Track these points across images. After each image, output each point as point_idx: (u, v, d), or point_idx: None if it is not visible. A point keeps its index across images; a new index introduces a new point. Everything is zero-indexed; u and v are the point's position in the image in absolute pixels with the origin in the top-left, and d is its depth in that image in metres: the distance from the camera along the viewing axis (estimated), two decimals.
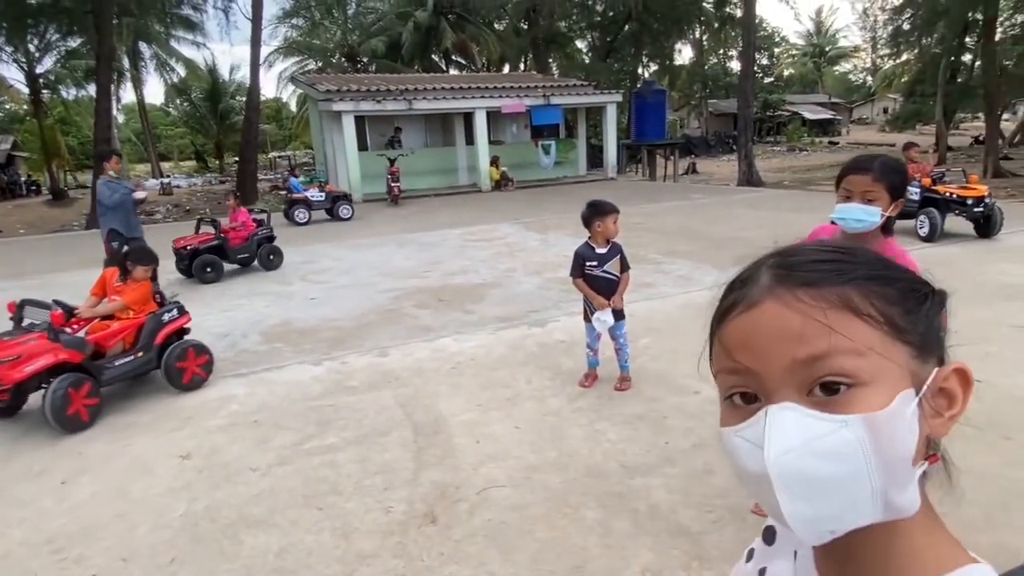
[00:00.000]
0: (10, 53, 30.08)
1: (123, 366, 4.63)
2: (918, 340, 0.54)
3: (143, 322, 4.78)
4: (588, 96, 20.35)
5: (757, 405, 0.55)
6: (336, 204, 14.40)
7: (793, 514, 0.52)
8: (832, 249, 0.58)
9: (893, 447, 0.51)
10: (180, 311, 5.00)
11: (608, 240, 4.17)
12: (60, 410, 4.08)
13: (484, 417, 4.10)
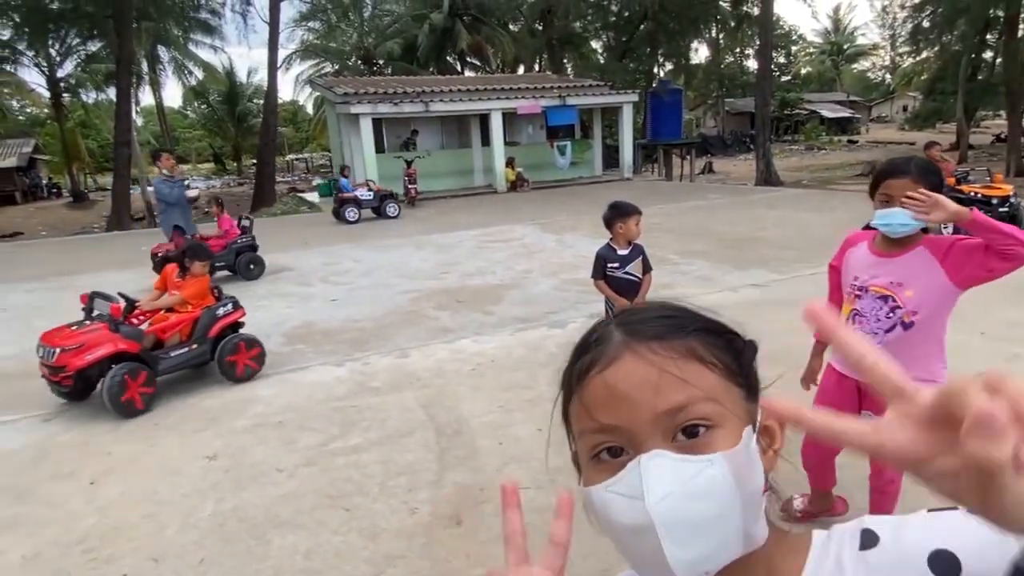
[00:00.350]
0: (32, 57, 30.61)
1: (178, 357, 4.86)
2: (746, 383, 0.60)
3: (199, 315, 4.97)
4: (604, 96, 20.30)
5: (626, 458, 0.57)
6: (383, 203, 14.75)
7: (678, 560, 0.53)
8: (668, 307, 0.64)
9: (751, 480, 0.55)
10: (235, 306, 5.18)
11: (630, 242, 4.15)
12: (116, 396, 4.37)
13: (506, 418, 4.11)
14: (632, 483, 0.55)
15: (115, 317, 4.60)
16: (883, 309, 2.28)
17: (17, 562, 2.93)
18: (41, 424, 4.49)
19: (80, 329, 4.60)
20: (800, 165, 27.81)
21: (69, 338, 4.49)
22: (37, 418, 4.59)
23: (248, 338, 5.12)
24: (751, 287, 6.89)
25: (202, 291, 5.16)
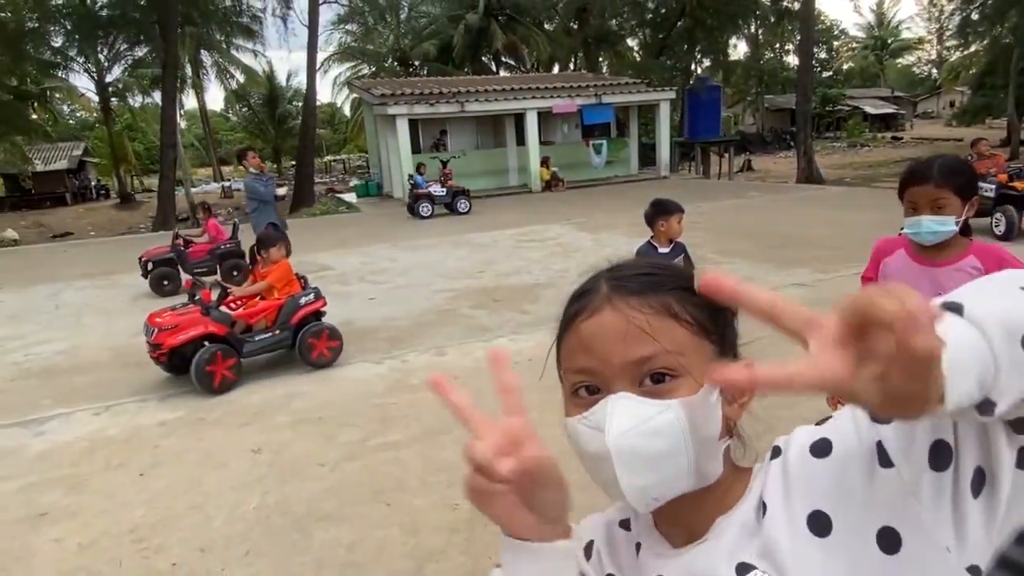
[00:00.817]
0: (82, 63, 31.68)
1: (262, 341, 5.15)
2: (719, 340, 0.67)
3: (284, 303, 5.21)
4: (641, 94, 20.13)
5: (599, 396, 0.65)
6: (455, 199, 15.07)
7: (628, 486, 0.62)
8: (653, 265, 0.72)
9: (706, 426, 0.62)
10: (317, 296, 5.39)
11: (671, 240, 4.10)
12: (203, 374, 4.75)
13: (543, 418, 4.07)
14: (599, 418, 0.63)
15: (206, 302, 4.97)
16: None
17: (74, 550, 3.03)
18: (92, 418, 4.63)
19: (178, 312, 5.04)
20: (843, 162, 27.16)
21: (167, 319, 4.93)
22: (88, 412, 4.74)
23: (330, 328, 5.36)
24: (794, 287, 6.75)
25: (285, 275, 5.39)
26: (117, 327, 7.12)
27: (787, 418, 1.50)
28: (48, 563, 2.94)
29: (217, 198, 32.43)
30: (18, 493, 3.59)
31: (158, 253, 8.83)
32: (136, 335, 6.70)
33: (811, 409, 2.48)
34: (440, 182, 15.41)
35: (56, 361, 6.04)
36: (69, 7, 23.05)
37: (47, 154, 35.54)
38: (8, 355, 6.31)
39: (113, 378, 5.46)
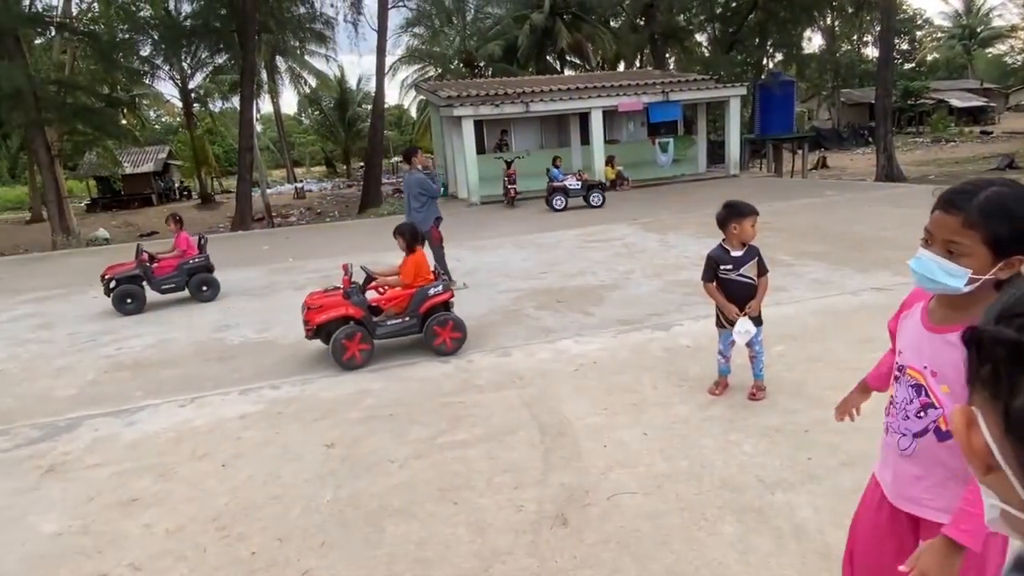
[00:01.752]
0: (167, 71, 33.46)
1: (393, 326, 5.60)
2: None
3: (414, 292, 5.56)
4: (710, 90, 19.69)
5: None
6: (590, 192, 15.28)
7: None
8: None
9: None
10: (445, 288, 5.72)
11: (744, 243, 4.01)
12: (339, 351, 5.30)
13: (610, 421, 4.07)
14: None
15: (346, 287, 5.50)
16: (914, 403, 1.64)
17: (162, 535, 3.21)
18: (178, 409, 4.90)
19: (325, 293, 5.70)
20: (926, 159, 25.78)
21: (315, 300, 5.57)
22: (175, 404, 5.02)
23: (456, 319, 5.65)
24: (874, 291, 6.46)
25: (415, 266, 5.71)
26: (200, 323, 7.49)
27: None
28: (139, 546, 3.13)
29: (291, 199, 33.67)
30: (112, 479, 3.84)
31: (123, 270, 8.36)
32: (217, 331, 7.06)
33: None
34: (576, 175, 15.74)
35: (146, 355, 6.41)
36: (156, 19, 24.35)
37: (135, 157, 37.72)
38: (102, 348, 6.74)
39: (197, 372, 5.76)
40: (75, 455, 4.23)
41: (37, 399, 5.39)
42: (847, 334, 5.23)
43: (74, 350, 6.76)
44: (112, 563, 3.01)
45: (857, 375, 2.24)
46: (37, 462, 4.16)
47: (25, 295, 10.10)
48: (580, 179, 15.59)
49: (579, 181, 15.46)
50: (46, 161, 18.58)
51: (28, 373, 6.10)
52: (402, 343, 5.93)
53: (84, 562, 3.04)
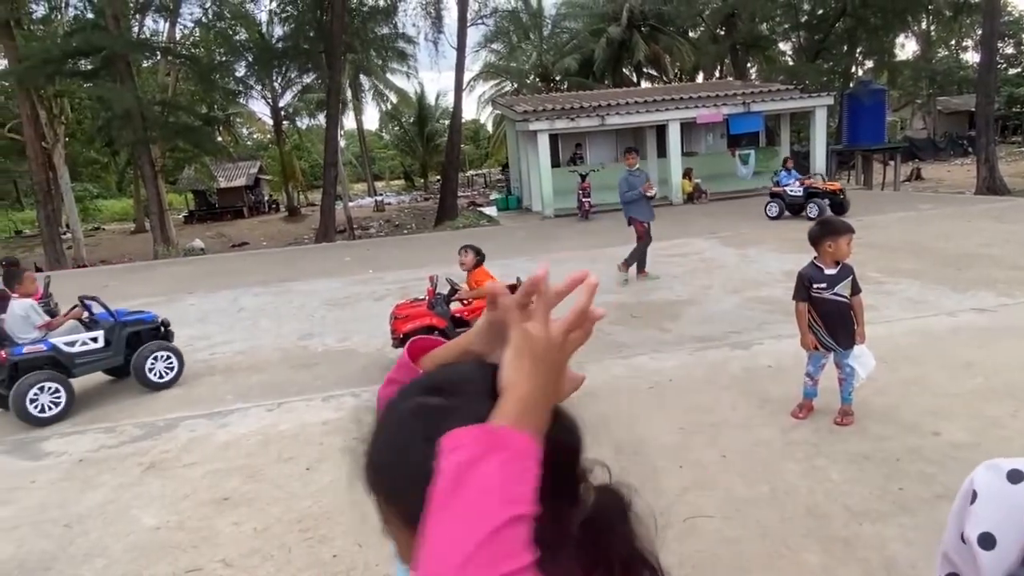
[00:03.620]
0: (259, 90, 35.34)
1: None
2: None
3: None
4: (794, 100, 19.03)
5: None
6: (808, 201, 12.89)
7: None
8: None
9: None
10: None
11: (838, 261, 3.86)
12: None
13: (687, 441, 3.99)
14: None
15: (430, 299, 5.72)
16: None
17: (250, 533, 3.38)
18: (265, 413, 5.14)
19: (412, 304, 5.95)
20: None
21: (402, 310, 5.82)
22: (262, 408, 5.27)
23: None
24: (973, 312, 6.06)
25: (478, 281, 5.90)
26: (286, 330, 7.84)
27: None
28: (230, 543, 3.30)
29: (371, 211, 34.79)
30: (204, 478, 4.07)
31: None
32: (302, 339, 7.37)
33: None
34: (800, 181, 13.31)
35: (236, 360, 6.77)
36: (251, 42, 25.81)
37: (229, 172, 39.98)
38: (197, 353, 7.16)
39: (283, 378, 6.03)
40: (173, 454, 4.51)
41: (139, 399, 5.78)
42: (944, 358, 4.93)
43: None
44: (206, 558, 3.19)
45: (956, 402, 2.12)
46: (139, 459, 4.46)
47: (131, 301, 10.83)
48: (803, 184, 13.19)
49: (801, 187, 13.12)
50: (150, 176, 19.99)
51: None
52: None
53: (180, 556, 3.23)
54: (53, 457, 4.63)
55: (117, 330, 5.95)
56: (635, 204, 8.75)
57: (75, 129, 29.75)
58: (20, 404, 5.15)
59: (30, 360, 5.35)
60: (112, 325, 5.95)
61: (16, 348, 5.34)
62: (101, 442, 4.84)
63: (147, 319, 6.34)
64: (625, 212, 9.01)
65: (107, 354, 5.86)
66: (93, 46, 18.15)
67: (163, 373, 6.02)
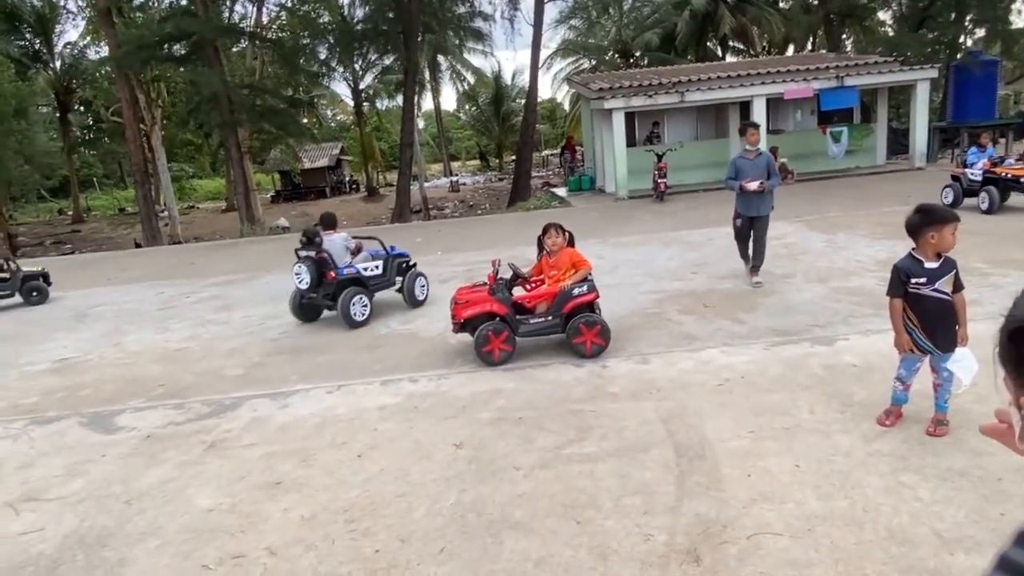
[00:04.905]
0: (341, 73, 36.09)
1: (535, 325, 5.55)
2: None
3: (558, 292, 5.53)
4: (893, 74, 17.61)
5: None
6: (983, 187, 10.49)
7: None
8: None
9: None
10: (590, 288, 5.60)
11: (939, 254, 3.44)
12: (480, 347, 5.36)
13: (757, 447, 3.68)
14: None
15: (491, 283, 5.52)
16: None
17: (297, 521, 3.36)
18: (325, 395, 5.17)
19: (473, 289, 5.75)
20: None
21: (463, 295, 5.67)
22: (323, 389, 5.30)
23: (587, 319, 5.43)
24: None
25: (567, 262, 5.66)
26: None
27: None
28: (276, 530, 3.29)
29: (446, 192, 35.10)
30: (261, 460, 4.10)
31: None
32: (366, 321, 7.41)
33: None
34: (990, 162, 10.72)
35: (304, 341, 6.88)
36: (332, 24, 26.28)
37: (312, 153, 41.24)
38: (269, 332, 7.33)
39: (346, 359, 6.06)
40: (234, 433, 4.58)
41: (210, 376, 5.96)
42: None
43: (246, 332, 7.42)
44: (252, 544, 3.19)
45: None
46: (202, 437, 4.57)
47: (212, 278, 11.31)
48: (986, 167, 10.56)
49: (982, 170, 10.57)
50: (236, 157, 20.79)
51: (206, 352, 6.78)
52: (538, 343, 5.85)
53: (228, 541, 3.24)
54: (124, 432, 4.81)
55: (391, 261, 7.81)
56: (742, 195, 7.47)
57: (171, 112, 31.35)
58: (346, 310, 7.01)
59: (348, 279, 7.21)
60: (387, 257, 7.81)
61: (340, 270, 7.17)
62: (170, 418, 5.00)
63: (406, 255, 8.18)
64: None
65: (385, 278, 7.71)
66: (184, 31, 18.92)
67: (421, 293, 7.94)
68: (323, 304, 7.33)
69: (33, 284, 10.33)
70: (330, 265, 7.13)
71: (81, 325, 8.60)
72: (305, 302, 7.41)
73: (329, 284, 7.13)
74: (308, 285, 7.10)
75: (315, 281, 7.08)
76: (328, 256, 7.16)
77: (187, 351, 6.88)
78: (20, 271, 10.37)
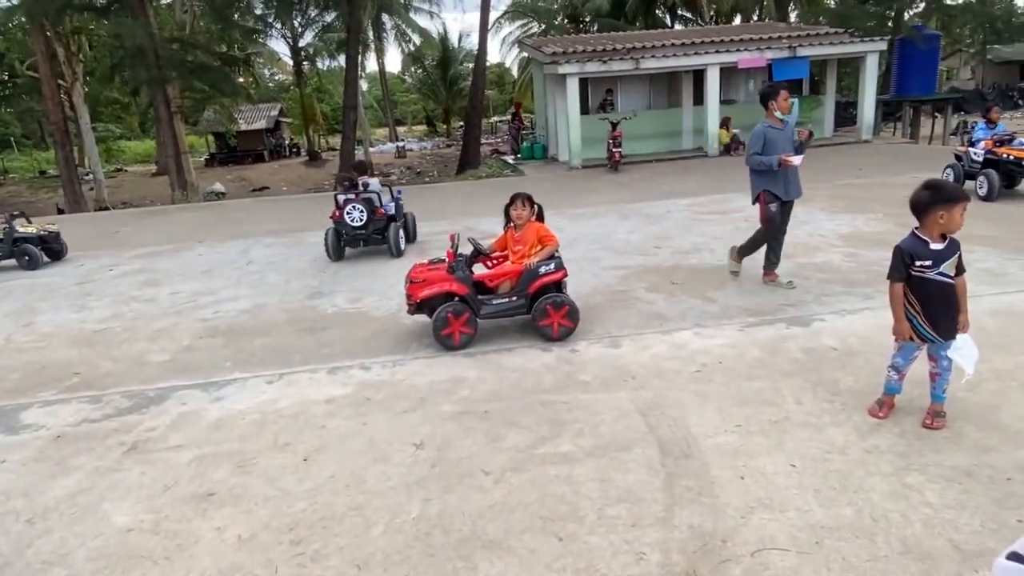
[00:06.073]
0: (279, 29, 34.21)
1: (498, 305, 5.12)
2: None
3: (523, 271, 5.08)
4: (844, 45, 17.67)
5: None
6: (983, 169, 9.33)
7: None
8: None
9: None
10: (558, 266, 5.14)
11: (945, 235, 3.17)
12: (439, 329, 4.95)
13: (746, 443, 3.39)
14: None
15: (450, 261, 5.08)
16: None
17: (234, 543, 2.89)
18: (265, 386, 4.64)
19: (430, 266, 5.28)
20: None
21: (419, 273, 5.18)
22: (262, 379, 4.77)
23: (572, 305, 5.06)
24: None
25: (533, 237, 5.20)
26: (295, 287, 7.32)
27: None
28: (208, 555, 2.82)
29: (392, 158, 33.98)
30: (190, 465, 3.58)
31: None
32: (311, 297, 6.85)
33: None
34: (993, 140, 9.49)
35: (240, 320, 6.27)
36: None
37: (249, 115, 39.22)
38: (200, 311, 6.68)
39: (288, 343, 5.51)
40: (159, 432, 4.03)
41: (133, 363, 5.32)
42: None
43: (174, 311, 6.74)
44: (179, 574, 2.71)
45: None
46: (122, 437, 3.99)
47: (138, 249, 10.41)
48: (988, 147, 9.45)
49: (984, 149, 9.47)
50: (165, 117, 19.34)
51: (129, 334, 6.09)
52: (500, 324, 5.44)
53: (151, 569, 2.75)
54: (31, 431, 4.19)
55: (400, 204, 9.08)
56: (770, 173, 5.97)
57: (94, 68, 29.06)
58: (397, 240, 8.42)
59: (389, 215, 8.50)
60: (398, 200, 9.03)
61: (386, 206, 8.48)
62: (84, 414, 4.39)
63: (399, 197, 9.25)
64: (750, 184, 6.26)
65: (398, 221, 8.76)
66: None
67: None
68: (372, 239, 8.46)
69: (26, 248, 9.31)
70: (379, 204, 8.33)
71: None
72: (348, 239, 8.42)
73: (379, 220, 8.34)
74: (363, 222, 8.21)
75: (369, 218, 8.24)
76: (377, 195, 8.38)
77: (107, 333, 6.18)
78: (13, 231, 9.33)
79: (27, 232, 9.47)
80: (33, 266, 9.27)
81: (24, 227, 9.58)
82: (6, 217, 9.59)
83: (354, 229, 8.25)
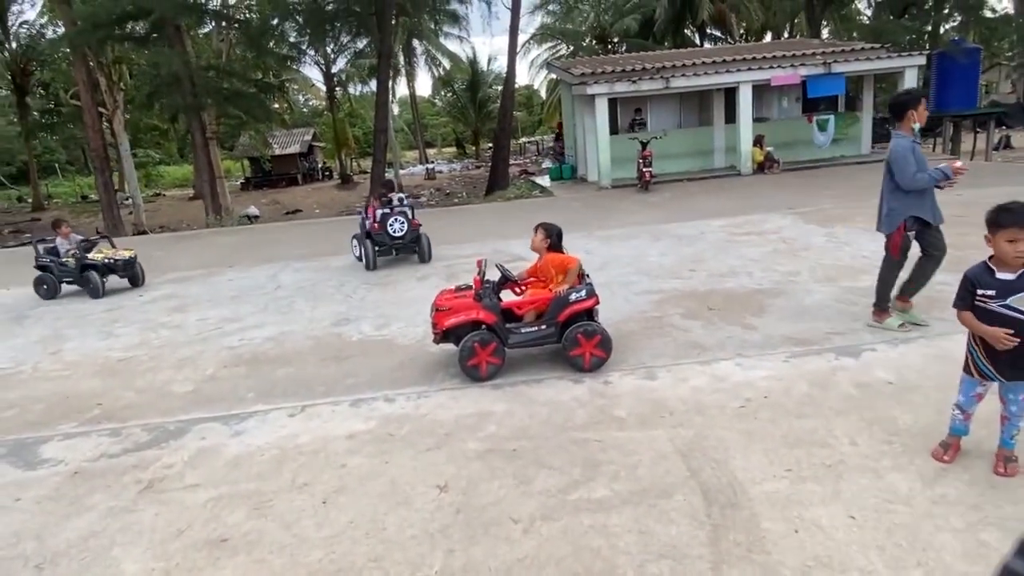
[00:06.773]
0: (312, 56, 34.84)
1: (528, 334, 4.91)
2: None
3: (552, 298, 4.89)
4: (881, 61, 17.23)
5: None
6: None
7: None
8: None
9: None
10: (589, 293, 4.93)
11: (1021, 265, 2.88)
12: (465, 360, 4.75)
13: (798, 490, 3.11)
14: None
15: (477, 288, 4.91)
16: None
17: None
18: (287, 419, 4.49)
19: (456, 294, 5.11)
20: None
21: (446, 300, 5.01)
22: (284, 411, 4.62)
23: (605, 335, 4.84)
24: None
25: (551, 266, 5.05)
26: (321, 313, 7.21)
27: None
28: None
29: (422, 179, 34.22)
30: (205, 507, 3.43)
31: None
32: (336, 324, 6.72)
33: None
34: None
35: (265, 348, 6.16)
36: (301, 3, 25.16)
37: (283, 139, 39.98)
38: (226, 338, 6.60)
39: (311, 374, 5.37)
40: (176, 469, 3.89)
41: (155, 394, 5.23)
42: None
43: (200, 339, 6.67)
44: None
45: None
46: (139, 474, 3.86)
47: (169, 274, 10.47)
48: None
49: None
50: (201, 142, 19.71)
51: (154, 363, 6.03)
52: (529, 353, 5.22)
53: None
54: (48, 466, 4.09)
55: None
56: (917, 196, 4.89)
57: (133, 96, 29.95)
58: (428, 248, 9.60)
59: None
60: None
61: None
62: (103, 448, 4.28)
63: None
64: (888, 209, 4.99)
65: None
66: (142, 9, 17.78)
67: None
68: (406, 247, 9.44)
69: (89, 275, 9.06)
70: (413, 216, 9.48)
71: (18, 329, 7.77)
72: (383, 249, 9.30)
73: (413, 230, 9.38)
74: (403, 232, 9.26)
75: (407, 228, 9.29)
76: (411, 208, 9.60)
77: (132, 361, 6.12)
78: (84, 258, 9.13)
79: (94, 259, 9.20)
80: (95, 294, 9.02)
81: (102, 252, 9.39)
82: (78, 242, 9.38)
83: (393, 239, 9.20)
